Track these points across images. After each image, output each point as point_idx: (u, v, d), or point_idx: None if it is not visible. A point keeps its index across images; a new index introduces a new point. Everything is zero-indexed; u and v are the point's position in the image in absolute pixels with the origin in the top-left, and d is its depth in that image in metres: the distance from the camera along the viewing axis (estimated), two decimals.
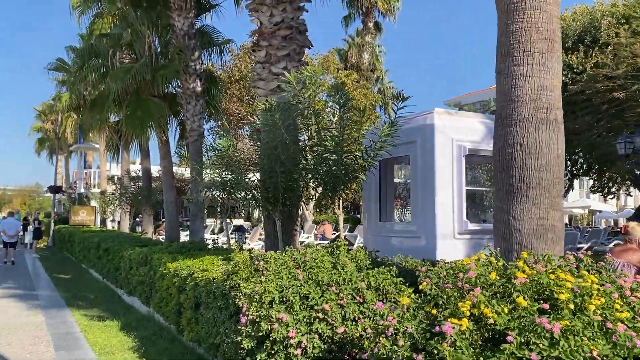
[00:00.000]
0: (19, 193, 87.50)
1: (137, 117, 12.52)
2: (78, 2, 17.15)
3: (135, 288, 10.01)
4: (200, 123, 12.90)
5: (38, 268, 17.86)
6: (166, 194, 13.62)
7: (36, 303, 10.78)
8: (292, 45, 8.39)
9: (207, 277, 6.25)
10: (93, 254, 14.89)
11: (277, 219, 7.49)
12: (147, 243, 12.02)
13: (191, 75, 12.77)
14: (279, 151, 6.79)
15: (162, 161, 13.83)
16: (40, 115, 42.36)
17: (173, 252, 8.85)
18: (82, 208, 25.01)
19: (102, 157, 27.57)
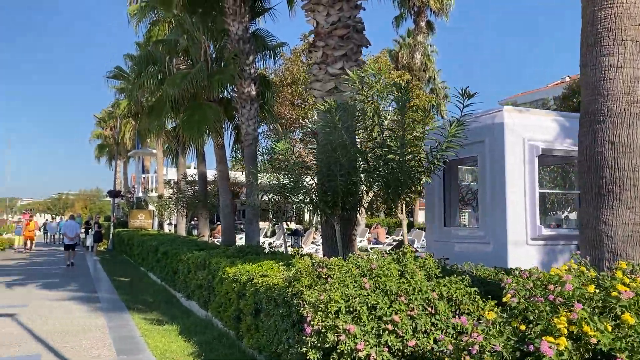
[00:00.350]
0: (80, 197, 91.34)
1: (194, 121, 12.63)
2: (135, 10, 17.60)
3: (194, 292, 10.04)
4: (254, 127, 12.88)
5: (99, 271, 18.39)
6: (222, 197, 13.68)
7: (98, 306, 11.01)
8: (349, 45, 8.19)
9: (267, 283, 6.10)
10: (151, 257, 15.16)
11: (336, 223, 7.28)
12: (204, 246, 12.09)
13: (246, 80, 12.77)
14: (339, 153, 6.59)
15: (218, 165, 13.93)
16: (100, 122, 43.97)
17: (231, 256, 8.79)
18: (140, 212, 25.67)
19: (159, 162, 28.26)
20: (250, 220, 12.83)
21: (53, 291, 13.16)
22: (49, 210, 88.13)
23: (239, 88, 12.84)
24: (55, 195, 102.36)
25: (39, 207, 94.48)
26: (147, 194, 31.55)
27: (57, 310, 10.53)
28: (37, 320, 9.50)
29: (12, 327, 8.92)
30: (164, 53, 13.95)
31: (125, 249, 23.10)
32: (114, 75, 29.20)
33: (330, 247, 8.04)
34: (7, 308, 10.65)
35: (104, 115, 42.59)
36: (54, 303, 11.33)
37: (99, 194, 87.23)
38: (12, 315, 9.87)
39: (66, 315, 9.92)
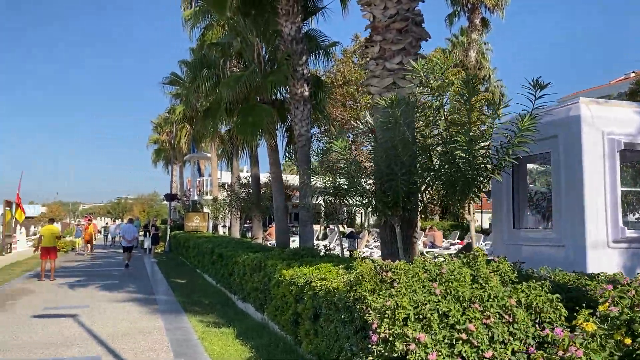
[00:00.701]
0: (139, 201, 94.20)
1: (247, 123, 12.60)
2: (189, 15, 17.85)
3: (249, 294, 9.94)
4: (308, 128, 12.71)
5: (156, 272, 18.72)
6: (276, 200, 13.58)
7: (155, 308, 11.09)
8: (407, 39, 7.85)
9: (326, 287, 5.85)
10: (207, 259, 15.26)
11: (397, 225, 6.95)
12: (259, 249, 12.00)
13: (299, 80, 12.62)
14: (400, 150, 6.27)
15: (271, 167, 13.85)
16: (157, 128, 45.25)
17: (287, 259, 8.61)
18: (195, 214, 26.10)
19: (213, 165, 28.68)
20: (305, 223, 12.64)
21: (113, 292, 13.43)
22: (109, 214, 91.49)
23: (292, 89, 12.70)
24: (114, 199, 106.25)
25: (99, 211, 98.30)
26: (202, 197, 32.09)
27: (116, 311, 10.68)
28: (98, 321, 9.65)
29: (74, 327, 9.07)
30: (217, 56, 14.03)
31: (182, 251, 23.49)
32: (170, 81, 29.91)
33: (390, 250, 7.71)
34: (69, 309, 10.90)
35: (161, 120, 43.75)
36: (113, 304, 11.52)
37: (156, 198, 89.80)
38: (74, 315, 10.08)
39: (125, 317, 10.03)
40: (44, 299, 12.37)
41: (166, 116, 38.58)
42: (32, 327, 9.09)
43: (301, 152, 12.63)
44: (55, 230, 16.86)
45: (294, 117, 12.74)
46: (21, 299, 12.37)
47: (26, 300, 12.16)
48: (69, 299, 12.28)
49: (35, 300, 12.19)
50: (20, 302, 11.90)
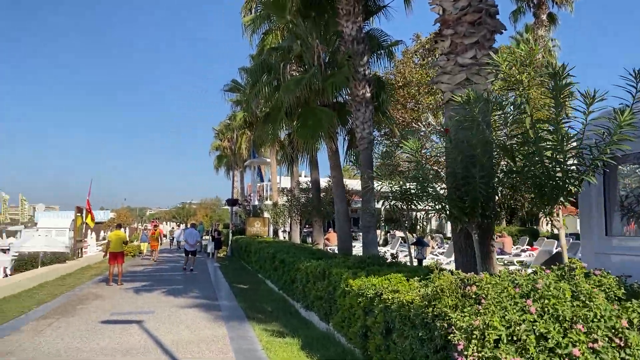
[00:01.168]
0: (202, 206, 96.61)
1: (308, 127, 12.36)
2: (249, 21, 17.89)
3: (313, 303, 9.64)
4: (370, 130, 12.32)
5: (219, 277, 18.82)
6: (337, 204, 13.26)
7: (219, 314, 11.00)
8: (481, 31, 7.32)
9: (399, 300, 5.44)
10: (269, 264, 15.13)
11: (474, 233, 6.43)
12: (321, 255, 11.71)
13: (360, 81, 12.27)
14: (479, 151, 5.77)
15: (332, 171, 13.54)
16: (218, 135, 46.21)
17: (352, 267, 8.24)
18: (256, 219, 26.23)
19: (273, 170, 28.77)
20: (367, 228, 12.25)
21: (178, 297, 13.51)
22: (174, 219, 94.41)
23: (353, 90, 12.36)
24: (179, 204, 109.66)
25: (165, 216, 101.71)
26: (262, 201, 32.29)
27: (180, 317, 10.66)
28: (162, 327, 9.63)
29: (139, 334, 9.07)
30: (277, 60, 13.91)
31: (243, 256, 23.62)
32: (230, 88, 30.40)
33: (465, 259, 7.19)
34: (135, 314, 11.00)
35: (222, 127, 44.60)
36: (178, 310, 11.54)
37: (219, 203, 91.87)
38: (139, 322, 10.12)
39: (189, 323, 9.98)
40: (112, 303, 12.59)
41: (227, 123, 39.27)
42: (100, 333, 9.17)
43: (363, 155, 12.26)
44: (122, 235, 17.28)
45: (355, 119, 12.38)
46: (90, 303, 12.64)
47: (95, 304, 12.41)
48: (134, 305, 12.44)
49: (104, 304, 12.42)
50: (90, 306, 12.15)
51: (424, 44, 23.60)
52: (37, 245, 20.43)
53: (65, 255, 23.02)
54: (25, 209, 63.02)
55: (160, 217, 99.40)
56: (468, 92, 5.59)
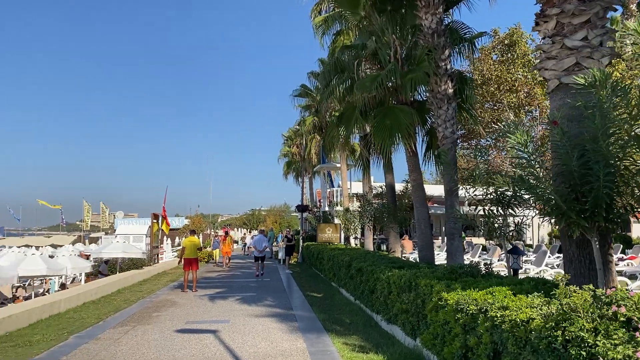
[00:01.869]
0: (271, 212, 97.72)
1: (384, 127, 11.63)
2: (320, 22, 17.46)
3: (397, 316, 8.88)
4: (453, 129, 11.43)
5: (292, 285, 18.39)
6: (417, 209, 12.42)
7: (295, 325, 10.46)
8: (593, 8, 6.37)
9: (512, 319, 4.62)
10: (343, 273, 14.49)
11: (594, 240, 5.49)
12: (402, 264, 10.93)
13: (441, 77, 11.42)
14: (603, 145, 4.86)
15: (411, 174, 12.72)
16: (287, 141, 46.29)
17: (442, 278, 7.44)
18: (327, 225, 25.70)
19: (343, 175, 28.22)
20: (452, 235, 11.33)
21: (252, 306, 13.15)
22: (245, 225, 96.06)
23: (434, 87, 11.53)
24: (249, 211, 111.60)
25: (235, 222, 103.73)
26: (332, 207, 31.79)
27: (256, 327, 10.22)
28: (237, 338, 9.20)
29: (214, 345, 8.68)
30: (350, 59, 13.29)
31: (315, 263, 23.13)
32: (300, 93, 30.24)
33: (577, 271, 6.23)
34: (210, 323, 10.68)
35: (291, 133, 44.63)
36: (252, 320, 11.12)
37: (287, 209, 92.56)
38: (214, 332, 9.76)
39: (265, 335, 9.49)
40: (187, 311, 12.39)
41: (296, 128, 39.10)
42: (176, 343, 8.86)
43: (444, 157, 11.38)
44: (196, 241, 17.23)
45: (437, 117, 11.53)
46: (166, 311, 12.51)
47: (170, 312, 12.25)
48: (209, 313, 12.16)
49: (178, 312, 12.23)
50: (165, 314, 11.99)
51: (502, 39, 22.25)
52: (115, 251, 20.91)
53: (142, 261, 23.47)
54: (106, 217, 66.05)
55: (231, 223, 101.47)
56: (593, 71, 4.69)
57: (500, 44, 22.22)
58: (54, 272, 18.16)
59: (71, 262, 20.07)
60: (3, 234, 59.58)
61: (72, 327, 10.42)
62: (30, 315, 10.61)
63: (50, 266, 17.42)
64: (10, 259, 18.47)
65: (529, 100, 21.35)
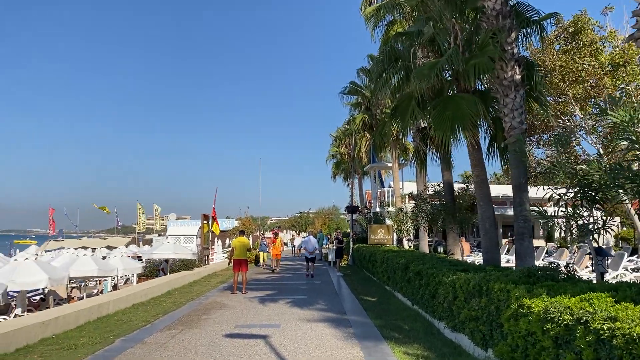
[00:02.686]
0: (319, 215, 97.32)
1: (445, 118, 10.74)
2: (371, 12, 16.70)
3: (463, 324, 8.02)
4: (521, 119, 10.42)
5: (343, 288, 17.68)
6: (481, 207, 11.45)
7: (350, 331, 9.73)
8: None
9: (625, 333, 3.75)
10: (399, 276, 13.65)
11: None
12: (467, 267, 10.01)
13: (508, 62, 10.44)
14: None
15: (473, 169, 11.74)
16: (336, 141, 45.62)
17: (519, 282, 6.54)
18: (379, 227, 24.82)
19: (395, 175, 27.27)
20: (521, 236, 10.31)
21: (303, 309, 12.53)
22: (293, 227, 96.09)
23: (499, 73, 10.55)
24: (297, 213, 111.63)
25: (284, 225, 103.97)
26: (384, 208, 30.88)
27: (308, 333, 9.56)
28: (289, 345, 8.56)
29: (265, 352, 8.07)
30: (405, 47, 12.46)
31: (367, 265, 22.32)
32: (349, 90, 29.47)
33: None
34: (260, 328, 10.10)
35: (339, 133, 43.95)
36: (304, 324, 10.48)
37: (336, 211, 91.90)
38: (264, 337, 9.17)
39: (319, 342, 8.81)
40: (236, 314, 11.89)
41: (345, 128, 38.44)
42: (224, 349, 8.31)
43: (514, 148, 10.40)
44: (246, 242, 16.79)
45: (503, 106, 10.55)
46: (215, 313, 12.05)
47: (219, 315, 11.77)
48: (259, 316, 11.61)
49: (228, 315, 11.75)
50: (214, 317, 11.52)
51: (566, 27, 20.76)
52: (165, 252, 20.82)
53: (193, 262, 23.33)
54: (158, 219, 67.33)
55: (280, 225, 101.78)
56: None
57: (564, 32, 20.73)
58: (105, 273, 18.15)
59: (123, 263, 20.07)
60: (62, 236, 61.71)
61: (119, 329, 10.08)
62: (78, 317, 10.35)
63: (101, 267, 17.40)
64: (64, 259, 18.62)
65: (596, 91, 19.80)
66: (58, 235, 63.37)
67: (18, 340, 8.26)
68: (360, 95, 29.56)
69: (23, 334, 8.39)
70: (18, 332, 8.27)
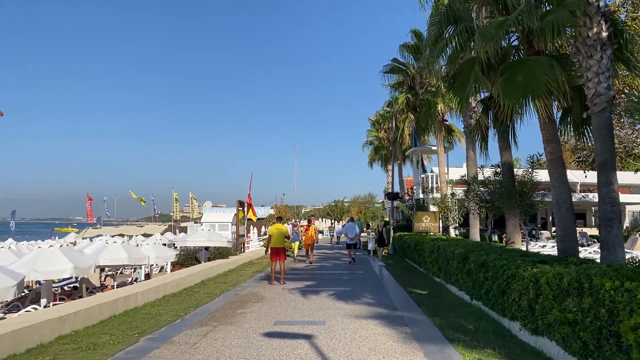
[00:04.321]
0: (355, 203, 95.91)
1: (516, 84, 9.20)
2: None
3: (550, 327, 6.59)
4: (608, 84, 8.82)
5: (388, 278, 16.34)
6: (556, 189, 9.90)
7: (407, 331, 8.41)
8: None
9: None
10: (454, 267, 12.22)
11: None
12: (544, 258, 8.53)
13: (592, 17, 8.83)
14: None
15: (547, 145, 10.16)
16: (374, 125, 43.89)
17: (635, 279, 5.08)
18: (425, 214, 23.29)
19: (440, 158, 25.58)
20: (609, 222, 8.74)
21: (348, 303, 11.28)
22: (328, 216, 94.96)
23: (582, 30, 8.95)
24: (332, 202, 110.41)
25: (319, 213, 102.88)
26: (427, 194, 29.25)
27: (358, 332, 8.29)
28: (338, 348, 7.32)
29: (312, 356, 6.84)
30: (465, 6, 10.91)
31: (412, 255, 20.88)
32: (391, 69, 27.79)
33: None
34: (302, 325, 8.88)
35: (378, 117, 42.25)
36: (352, 321, 9.22)
37: (372, 200, 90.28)
38: (308, 337, 7.95)
39: (372, 344, 7.53)
40: (274, 308, 10.73)
41: (385, 111, 36.77)
42: (263, 351, 7.13)
43: (598, 119, 8.82)
44: (284, 229, 15.61)
45: (586, 69, 8.96)
46: (251, 307, 10.92)
47: (256, 309, 10.63)
48: (300, 311, 10.42)
49: (265, 309, 10.59)
50: (250, 311, 10.38)
51: None
52: (199, 240, 19.87)
53: (228, 250, 22.38)
54: (195, 207, 67.21)
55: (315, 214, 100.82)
56: None
57: None
58: (136, 261, 17.31)
59: (155, 251, 19.21)
60: (101, 224, 62.28)
61: (145, 325, 9.03)
62: (101, 310, 9.34)
63: (132, 255, 16.52)
64: (95, 247, 17.87)
65: None
66: (97, 223, 64.04)
67: (31, 338, 7.26)
68: (403, 74, 27.85)
69: (36, 332, 7.39)
70: (30, 330, 7.27)
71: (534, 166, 12.23)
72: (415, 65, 26.17)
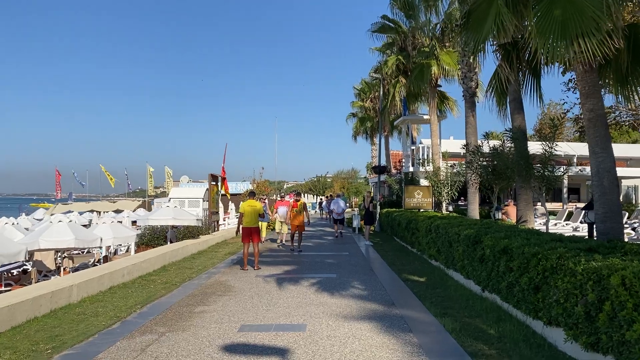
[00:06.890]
0: (337, 178, 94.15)
1: (554, 20, 7.09)
2: None
3: (626, 345, 4.61)
4: None
5: (379, 262, 14.37)
6: (597, 155, 7.89)
7: (412, 341, 6.37)
8: None
9: None
10: (461, 251, 10.23)
11: None
12: (589, 245, 6.51)
13: None
14: None
15: (585, 101, 8.08)
16: (360, 95, 41.46)
17: None
18: (417, 188, 21.29)
19: (433, 128, 23.48)
20: None
21: (334, 296, 9.26)
22: (310, 191, 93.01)
23: None
24: (314, 177, 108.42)
25: (301, 189, 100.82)
26: (418, 167, 27.26)
27: (350, 344, 6.24)
28: None
29: None
30: None
31: (401, 233, 18.93)
32: (380, 27, 25.36)
33: None
34: (278, 332, 6.78)
35: (364, 85, 39.83)
36: (341, 325, 7.18)
37: (355, 175, 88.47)
38: (284, 350, 5.87)
39: None
40: (243, 304, 8.65)
41: (372, 77, 34.20)
42: None
43: None
44: (257, 206, 13.44)
45: None
46: (215, 303, 8.81)
47: (220, 307, 8.53)
48: (275, 308, 8.35)
49: (232, 306, 8.50)
50: (212, 310, 8.28)
51: None
52: (163, 218, 17.64)
53: (198, 229, 20.17)
54: (171, 182, 64.55)
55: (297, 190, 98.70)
56: None
57: None
58: (84, 244, 15.07)
59: (113, 231, 16.92)
60: (72, 200, 59.42)
61: (71, 333, 6.87)
62: (13, 313, 7.13)
63: (79, 237, 14.24)
64: (42, 227, 15.52)
65: None
66: (68, 198, 61.16)
67: None
68: (393, 32, 25.44)
69: None
70: None
71: (557, 129, 10.17)
72: (407, 25, 23.80)
